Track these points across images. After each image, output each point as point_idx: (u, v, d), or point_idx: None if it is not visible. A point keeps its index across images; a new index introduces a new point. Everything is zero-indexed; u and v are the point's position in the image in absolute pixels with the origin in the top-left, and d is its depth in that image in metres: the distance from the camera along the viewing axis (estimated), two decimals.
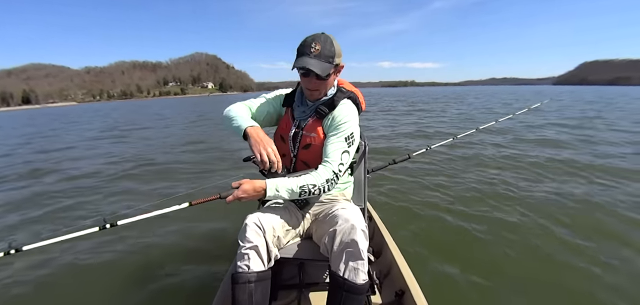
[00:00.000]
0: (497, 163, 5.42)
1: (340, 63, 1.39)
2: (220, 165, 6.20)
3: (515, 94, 38.46)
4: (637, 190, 3.95)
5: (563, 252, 2.62)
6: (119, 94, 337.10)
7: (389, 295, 1.73)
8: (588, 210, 3.39)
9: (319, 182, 1.31)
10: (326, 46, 1.32)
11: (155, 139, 10.50)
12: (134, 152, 8.00)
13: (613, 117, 12.55)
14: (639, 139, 7.40)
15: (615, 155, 5.77)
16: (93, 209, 4.07)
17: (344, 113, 1.40)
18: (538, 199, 3.74)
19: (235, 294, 1.24)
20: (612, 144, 6.80)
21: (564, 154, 6.03)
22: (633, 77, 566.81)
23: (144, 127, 14.77)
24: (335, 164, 1.35)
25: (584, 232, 2.89)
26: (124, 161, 6.93)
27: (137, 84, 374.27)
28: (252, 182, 1.26)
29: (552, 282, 2.27)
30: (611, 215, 3.24)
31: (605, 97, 31.39)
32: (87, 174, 5.93)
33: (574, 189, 4.03)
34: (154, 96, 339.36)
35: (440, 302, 1.77)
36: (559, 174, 4.68)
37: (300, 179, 1.31)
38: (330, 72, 1.36)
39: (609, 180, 4.33)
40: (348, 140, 1.38)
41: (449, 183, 4.39)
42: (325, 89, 1.43)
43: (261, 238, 1.30)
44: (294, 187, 1.29)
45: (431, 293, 1.61)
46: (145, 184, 5.14)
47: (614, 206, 3.46)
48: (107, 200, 4.41)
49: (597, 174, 4.61)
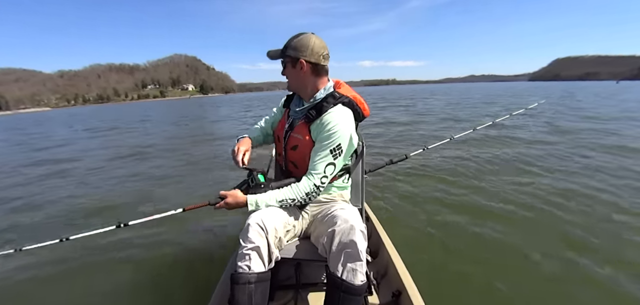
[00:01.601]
0: (494, 163, 5.42)
1: (300, 57, 1.38)
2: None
3: (489, 93, 38.13)
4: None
5: (563, 251, 2.60)
6: (95, 98, 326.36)
7: (386, 295, 1.72)
8: (593, 207, 3.40)
9: (299, 196, 1.37)
10: (292, 39, 1.41)
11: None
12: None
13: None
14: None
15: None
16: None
17: (333, 122, 1.37)
18: (538, 197, 3.74)
19: (235, 294, 1.23)
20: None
21: (562, 151, 6.12)
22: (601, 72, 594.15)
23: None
24: (317, 177, 1.37)
25: (592, 231, 2.88)
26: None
27: (114, 88, 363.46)
28: (236, 196, 1.39)
29: (552, 281, 2.26)
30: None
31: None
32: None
33: (574, 186, 4.07)
34: (132, 99, 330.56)
35: (438, 303, 1.78)
36: (560, 174, 4.63)
37: (280, 193, 1.38)
38: (283, 61, 1.45)
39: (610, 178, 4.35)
40: (334, 152, 1.37)
41: (446, 183, 4.40)
42: (295, 83, 1.48)
43: (263, 239, 1.29)
44: (273, 202, 1.36)
45: (428, 294, 1.60)
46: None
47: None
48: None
49: (598, 174, 4.54)
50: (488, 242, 2.78)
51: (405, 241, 2.72)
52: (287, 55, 1.42)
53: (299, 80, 1.45)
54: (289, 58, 1.42)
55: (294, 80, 1.47)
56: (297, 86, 1.49)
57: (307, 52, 1.38)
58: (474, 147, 6.47)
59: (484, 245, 2.74)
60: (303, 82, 1.45)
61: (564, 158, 5.54)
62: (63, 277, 2.64)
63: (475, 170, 4.96)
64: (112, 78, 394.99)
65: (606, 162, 5.15)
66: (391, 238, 2.07)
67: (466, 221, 3.19)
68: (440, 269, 2.41)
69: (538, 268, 2.39)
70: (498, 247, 2.70)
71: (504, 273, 2.34)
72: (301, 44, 1.38)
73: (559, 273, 2.32)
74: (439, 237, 2.92)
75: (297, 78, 1.45)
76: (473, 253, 2.62)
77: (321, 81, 1.47)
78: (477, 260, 2.52)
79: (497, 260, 2.52)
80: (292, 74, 1.45)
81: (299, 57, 1.39)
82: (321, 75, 1.46)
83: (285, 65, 1.45)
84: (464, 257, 2.57)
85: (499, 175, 4.69)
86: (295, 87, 1.50)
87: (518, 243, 2.74)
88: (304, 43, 1.38)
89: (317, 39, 1.40)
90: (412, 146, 7.08)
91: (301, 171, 1.47)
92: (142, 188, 5.16)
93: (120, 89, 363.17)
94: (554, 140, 7.26)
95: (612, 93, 30.03)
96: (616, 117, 11.01)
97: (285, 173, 1.59)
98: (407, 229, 3.09)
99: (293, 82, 1.48)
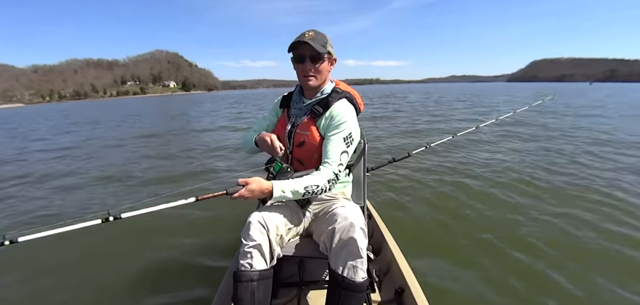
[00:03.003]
0: (497, 160, 5.45)
1: (333, 54, 1.44)
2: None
3: (465, 93, 39.49)
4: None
5: (562, 249, 2.61)
6: (71, 95, 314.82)
7: (388, 293, 1.74)
8: (600, 202, 3.49)
9: (322, 183, 1.33)
10: (319, 34, 1.39)
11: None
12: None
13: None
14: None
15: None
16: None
17: (342, 113, 1.41)
18: (538, 195, 3.77)
19: (238, 292, 1.24)
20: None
21: (561, 148, 6.31)
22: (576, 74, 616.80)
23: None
24: (335, 164, 1.37)
25: (596, 230, 2.91)
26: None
27: (91, 84, 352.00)
28: (260, 182, 1.26)
29: (552, 279, 2.26)
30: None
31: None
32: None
33: (575, 181, 4.21)
34: (111, 96, 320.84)
35: (440, 300, 1.78)
36: (559, 173, 4.68)
37: (304, 179, 1.33)
38: (323, 55, 1.38)
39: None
40: (346, 140, 1.39)
41: (449, 181, 4.42)
42: (320, 79, 1.44)
43: (264, 237, 1.30)
44: (299, 188, 1.30)
45: (431, 291, 1.61)
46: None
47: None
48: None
49: (602, 173, 4.64)
50: (491, 240, 2.79)
51: (407, 238, 2.75)
52: (329, 52, 1.43)
53: (327, 77, 1.49)
54: (329, 55, 1.43)
55: (322, 76, 1.45)
56: (321, 82, 1.47)
57: (333, 49, 1.45)
58: (475, 145, 6.58)
59: (487, 243, 2.75)
60: (326, 78, 1.49)
61: (563, 157, 5.66)
62: (60, 269, 2.62)
63: (478, 168, 5.01)
64: (90, 74, 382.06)
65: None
66: (393, 235, 2.08)
67: (469, 219, 3.22)
68: (443, 267, 2.42)
69: (543, 268, 2.39)
70: (501, 245, 2.70)
71: (507, 271, 2.35)
72: (330, 41, 1.43)
73: (563, 274, 2.31)
74: (441, 234, 2.93)
75: (327, 75, 1.48)
76: (476, 251, 2.64)
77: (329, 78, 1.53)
78: (480, 258, 2.53)
79: (499, 258, 2.53)
80: (324, 70, 1.44)
81: (335, 55, 1.47)
82: None
83: (321, 60, 1.40)
84: (467, 255, 2.58)
85: (502, 172, 4.73)
86: (319, 83, 1.46)
87: (521, 240, 2.76)
88: (330, 40, 1.43)
89: None
90: (414, 144, 7.19)
91: (308, 167, 1.46)
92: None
93: (99, 85, 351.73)
94: (554, 140, 7.45)
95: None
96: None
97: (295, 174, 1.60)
98: (410, 226, 3.11)
99: (320, 78, 1.45)
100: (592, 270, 2.36)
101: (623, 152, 5.99)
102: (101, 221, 1.22)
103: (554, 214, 3.27)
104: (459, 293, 2.15)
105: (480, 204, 3.59)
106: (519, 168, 5.00)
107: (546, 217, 3.21)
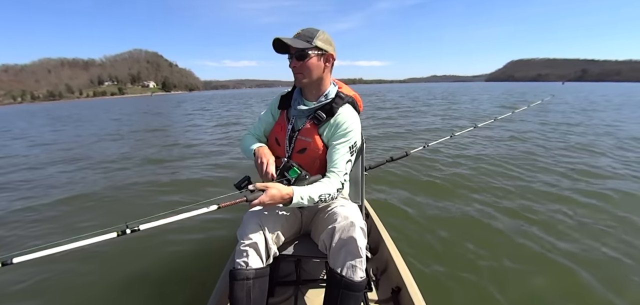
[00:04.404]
0: (495, 159, 5.45)
1: (328, 50, 1.35)
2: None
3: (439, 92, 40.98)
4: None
5: (562, 249, 2.61)
6: (45, 95, 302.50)
7: (385, 292, 1.74)
8: (604, 206, 3.43)
9: (333, 191, 1.33)
10: (308, 30, 1.34)
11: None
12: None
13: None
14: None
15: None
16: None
17: (348, 120, 1.38)
18: (536, 194, 3.81)
19: (234, 290, 1.23)
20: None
21: (560, 148, 6.32)
22: (551, 74, 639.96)
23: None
24: (341, 173, 1.36)
25: (594, 235, 2.84)
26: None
27: (66, 84, 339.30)
28: (280, 188, 1.23)
29: (549, 277, 2.27)
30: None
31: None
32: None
33: (559, 182, 4.21)
34: (87, 97, 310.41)
35: (437, 299, 1.78)
36: (559, 171, 4.67)
37: (319, 187, 1.31)
38: (307, 50, 1.30)
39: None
40: (352, 149, 1.39)
41: (446, 180, 4.42)
42: (310, 77, 1.35)
43: (261, 235, 1.29)
44: (315, 195, 1.29)
45: (427, 290, 1.61)
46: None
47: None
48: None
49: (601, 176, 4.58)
50: (488, 240, 2.79)
51: (404, 238, 2.78)
52: (317, 46, 1.31)
53: (319, 74, 1.37)
54: (318, 49, 1.32)
55: (313, 74, 1.35)
56: (314, 81, 1.38)
57: (332, 47, 1.38)
58: (475, 144, 6.62)
59: (484, 242, 2.74)
60: (322, 77, 1.39)
61: (561, 156, 5.70)
62: (60, 274, 2.57)
63: (475, 167, 5.04)
64: (64, 73, 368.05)
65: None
66: (391, 235, 2.08)
67: (466, 218, 3.24)
68: (440, 266, 2.42)
69: (539, 265, 2.40)
70: (498, 244, 2.72)
71: (503, 270, 2.36)
72: (327, 39, 1.35)
73: (562, 272, 2.32)
74: (438, 234, 2.93)
75: (319, 72, 1.37)
76: (472, 250, 2.64)
77: (330, 79, 1.46)
78: (477, 257, 2.54)
79: (497, 257, 2.53)
80: (315, 67, 1.34)
81: (329, 51, 1.36)
82: (331, 73, 1.46)
83: (305, 56, 1.31)
84: (464, 254, 2.59)
85: (499, 171, 4.75)
86: (312, 81, 1.37)
87: (518, 240, 2.77)
88: (328, 38, 1.36)
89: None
90: (412, 143, 7.17)
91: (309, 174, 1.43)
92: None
93: (74, 85, 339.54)
94: (555, 136, 7.53)
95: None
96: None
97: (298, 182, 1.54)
98: (407, 225, 3.10)
99: (312, 76, 1.35)
100: (592, 270, 2.35)
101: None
102: (117, 234, 1.14)
103: (553, 212, 3.29)
104: (455, 292, 2.15)
105: (478, 203, 3.62)
106: (518, 166, 5.03)
107: (545, 216, 3.21)
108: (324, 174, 1.39)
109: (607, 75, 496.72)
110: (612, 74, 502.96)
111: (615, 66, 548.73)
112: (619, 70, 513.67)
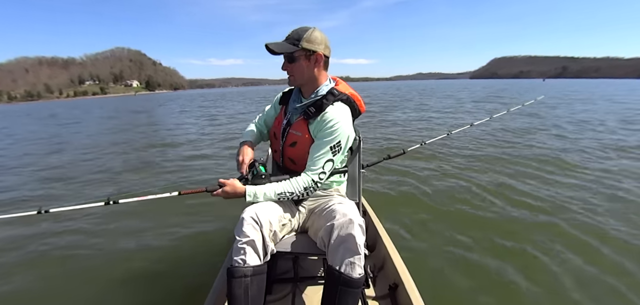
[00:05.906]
0: (491, 158, 5.47)
1: (317, 50, 1.37)
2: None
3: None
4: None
5: (562, 247, 2.61)
6: (23, 95, 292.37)
7: (382, 288, 1.75)
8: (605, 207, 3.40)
9: (297, 190, 1.37)
10: (297, 31, 1.37)
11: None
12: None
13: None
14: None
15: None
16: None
17: (334, 118, 1.38)
18: (535, 192, 3.79)
19: (231, 288, 1.24)
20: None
21: (552, 142, 6.56)
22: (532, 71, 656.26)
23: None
24: (316, 172, 1.38)
25: (593, 234, 2.84)
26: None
27: (45, 83, 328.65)
28: (234, 185, 1.37)
29: (547, 276, 2.28)
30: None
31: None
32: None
33: (571, 180, 4.23)
34: (67, 96, 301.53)
35: (434, 296, 1.79)
36: (559, 171, 4.65)
37: (279, 185, 1.37)
38: (294, 54, 1.36)
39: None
40: (334, 149, 1.38)
41: (443, 178, 4.46)
42: (301, 77, 1.42)
43: (258, 232, 1.30)
44: (271, 193, 1.36)
45: (424, 287, 1.62)
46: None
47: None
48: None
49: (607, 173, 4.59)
50: (485, 235, 2.81)
51: (401, 235, 2.81)
52: (303, 47, 1.35)
53: (310, 74, 1.42)
54: (305, 51, 1.36)
55: (304, 74, 1.41)
56: (306, 80, 1.44)
57: (322, 45, 1.39)
58: (470, 143, 6.68)
59: (481, 239, 2.76)
60: (313, 76, 1.43)
61: (561, 156, 5.66)
62: (50, 261, 2.66)
63: (472, 165, 5.07)
64: (43, 73, 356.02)
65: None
66: (388, 232, 2.09)
67: (462, 215, 3.26)
68: (437, 263, 2.44)
69: (535, 262, 2.42)
70: (494, 240, 2.73)
71: (500, 267, 2.37)
72: (314, 37, 1.36)
73: (560, 271, 2.31)
74: (435, 231, 2.94)
75: (309, 72, 1.41)
76: (469, 246, 2.66)
77: (325, 76, 1.48)
78: (474, 253, 2.56)
79: (493, 253, 2.54)
80: (304, 68, 1.40)
81: (316, 50, 1.38)
82: (326, 70, 1.48)
83: (294, 58, 1.38)
84: (461, 251, 2.59)
85: (496, 170, 4.78)
86: (304, 81, 1.44)
87: (515, 236, 2.79)
88: (317, 36, 1.37)
89: (321, 32, 1.40)
90: (409, 141, 7.22)
91: (299, 168, 1.46)
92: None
93: (53, 85, 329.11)
94: (554, 138, 7.60)
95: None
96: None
97: (282, 169, 1.58)
98: (404, 223, 3.11)
99: (303, 76, 1.42)
100: (592, 268, 2.36)
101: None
102: (104, 204, 1.41)
103: (552, 211, 3.29)
104: (452, 288, 2.16)
105: (476, 200, 3.64)
106: (516, 164, 5.07)
107: (542, 215, 3.22)
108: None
109: (586, 72, 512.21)
110: (590, 71, 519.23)
111: (594, 63, 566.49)
112: (597, 67, 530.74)
